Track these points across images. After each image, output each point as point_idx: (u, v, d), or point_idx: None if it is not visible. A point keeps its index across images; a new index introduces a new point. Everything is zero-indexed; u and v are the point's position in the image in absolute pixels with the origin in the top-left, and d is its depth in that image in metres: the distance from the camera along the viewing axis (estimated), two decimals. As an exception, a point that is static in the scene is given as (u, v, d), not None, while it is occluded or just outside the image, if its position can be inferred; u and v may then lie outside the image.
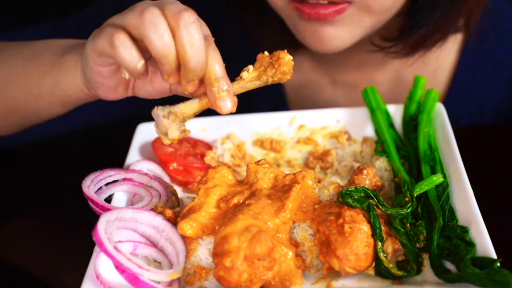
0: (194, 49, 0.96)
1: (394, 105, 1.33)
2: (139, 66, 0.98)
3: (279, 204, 1.03)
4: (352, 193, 1.05)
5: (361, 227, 0.99)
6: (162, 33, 0.96)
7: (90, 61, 1.05)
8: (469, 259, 0.96)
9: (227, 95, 1.01)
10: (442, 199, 1.07)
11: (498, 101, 1.59)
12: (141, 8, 0.97)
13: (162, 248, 1.05)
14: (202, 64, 0.98)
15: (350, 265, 0.98)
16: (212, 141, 1.35)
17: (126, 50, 0.97)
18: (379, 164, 1.20)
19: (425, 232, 1.03)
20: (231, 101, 1.01)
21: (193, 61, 0.97)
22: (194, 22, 0.97)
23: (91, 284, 0.98)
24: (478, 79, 1.57)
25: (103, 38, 0.99)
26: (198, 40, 0.97)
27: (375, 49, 1.45)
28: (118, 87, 1.10)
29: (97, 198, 1.13)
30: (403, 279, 0.99)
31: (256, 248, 0.95)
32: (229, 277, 0.94)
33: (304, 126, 1.36)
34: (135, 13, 0.97)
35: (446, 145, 1.19)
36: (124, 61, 0.98)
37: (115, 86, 1.09)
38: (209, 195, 1.08)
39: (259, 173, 1.10)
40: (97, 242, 0.96)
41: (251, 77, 1.06)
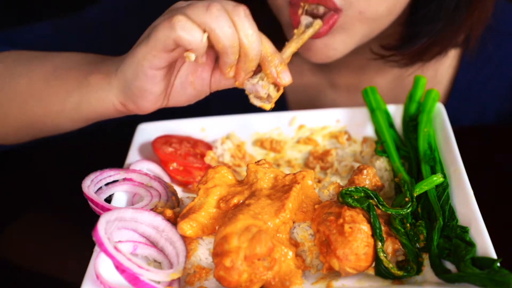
0: (254, 39, 1.04)
1: (394, 105, 1.33)
2: (204, 39, 1.02)
3: (279, 204, 1.03)
4: (352, 193, 1.05)
5: (361, 227, 0.99)
6: (229, 24, 1.02)
7: (146, 65, 1.07)
8: (469, 259, 0.96)
9: (285, 67, 1.09)
10: (442, 199, 1.07)
11: (499, 103, 1.59)
12: (206, 3, 1.03)
13: (162, 248, 1.05)
14: (260, 52, 1.06)
15: (350, 265, 0.98)
16: (212, 141, 1.35)
17: (188, 26, 1.01)
18: (379, 164, 1.20)
19: (425, 232, 1.03)
20: (288, 73, 1.10)
21: (254, 51, 1.05)
22: (248, 15, 1.05)
23: (91, 284, 0.98)
24: (479, 82, 1.57)
25: (161, 30, 1.03)
26: (256, 31, 1.05)
27: (374, 57, 1.44)
28: (162, 94, 1.12)
29: (97, 198, 1.13)
30: (403, 279, 0.99)
31: (256, 248, 0.95)
32: (229, 277, 0.94)
33: (304, 126, 1.36)
34: (200, 8, 1.02)
35: (446, 145, 1.19)
36: (189, 38, 1.02)
37: (161, 93, 1.12)
38: (209, 195, 1.08)
39: (259, 173, 1.10)
40: (97, 242, 0.96)
41: (291, 45, 1.17)
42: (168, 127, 1.35)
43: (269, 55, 1.08)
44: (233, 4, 1.05)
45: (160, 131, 1.33)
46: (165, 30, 1.03)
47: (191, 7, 1.03)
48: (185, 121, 1.36)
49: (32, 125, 1.31)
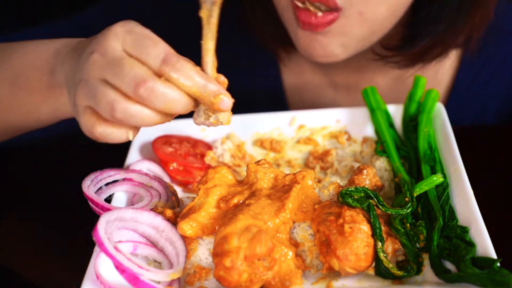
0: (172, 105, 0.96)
1: (394, 105, 1.33)
2: (130, 137, 1.00)
3: (279, 204, 1.03)
4: (352, 193, 1.05)
5: (361, 227, 0.99)
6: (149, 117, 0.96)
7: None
8: (469, 259, 0.96)
9: (218, 96, 0.99)
10: (442, 199, 1.07)
11: (500, 103, 1.59)
12: (134, 80, 0.94)
13: (162, 248, 1.05)
14: (185, 106, 0.97)
15: (350, 265, 0.98)
16: (212, 141, 1.35)
17: (110, 137, 0.99)
18: (379, 164, 1.20)
19: (425, 232, 1.03)
20: (224, 97, 0.99)
21: (178, 110, 0.97)
22: (179, 62, 0.95)
23: (91, 284, 0.98)
24: (479, 82, 1.57)
25: (100, 106, 0.96)
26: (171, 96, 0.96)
27: (375, 57, 1.44)
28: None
29: (97, 198, 1.13)
30: (403, 279, 0.99)
31: (256, 248, 0.95)
32: (229, 277, 0.94)
33: (304, 126, 1.36)
34: (129, 84, 0.94)
35: (446, 145, 1.19)
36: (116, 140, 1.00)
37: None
38: (209, 195, 1.08)
39: (259, 173, 1.10)
40: (97, 242, 0.96)
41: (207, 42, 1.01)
42: (168, 127, 1.35)
43: (198, 94, 0.97)
44: (159, 58, 0.95)
45: (160, 131, 1.33)
46: (105, 113, 0.97)
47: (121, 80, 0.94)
48: (185, 121, 1.36)
49: (9, 130, 1.29)
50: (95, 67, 0.97)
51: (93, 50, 0.98)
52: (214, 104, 0.98)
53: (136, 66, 0.95)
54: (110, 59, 0.96)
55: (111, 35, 0.98)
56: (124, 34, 0.97)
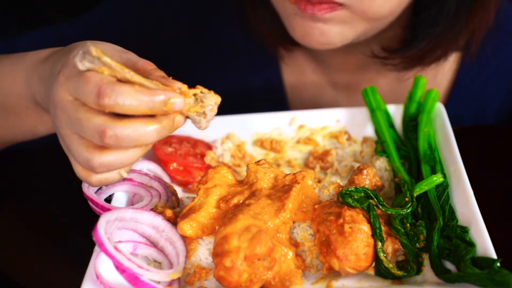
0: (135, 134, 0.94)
1: (394, 105, 1.33)
2: (124, 175, 1.01)
3: (279, 204, 1.03)
4: (352, 193, 1.05)
5: (361, 227, 0.99)
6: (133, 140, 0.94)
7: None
8: (469, 259, 0.96)
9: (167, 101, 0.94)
10: (442, 199, 1.07)
11: (500, 103, 1.59)
12: (96, 132, 0.92)
13: (162, 248, 1.05)
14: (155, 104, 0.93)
15: (350, 265, 0.98)
16: (212, 141, 1.35)
17: (103, 181, 1.00)
18: (379, 164, 1.20)
19: (425, 232, 1.03)
20: (175, 99, 0.94)
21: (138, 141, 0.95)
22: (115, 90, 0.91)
23: (91, 284, 0.98)
24: (479, 82, 1.57)
25: (81, 163, 0.98)
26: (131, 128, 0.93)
27: (374, 59, 1.44)
28: None
29: (97, 198, 1.13)
30: (403, 279, 0.99)
31: (256, 248, 0.95)
32: (229, 277, 0.94)
33: (304, 126, 1.36)
34: (93, 137, 0.93)
35: (446, 145, 1.19)
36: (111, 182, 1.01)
37: None
38: (209, 195, 1.08)
39: (259, 173, 1.10)
40: (97, 242, 0.96)
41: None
42: (168, 127, 1.35)
43: (149, 112, 0.93)
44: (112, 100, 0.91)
45: (160, 131, 1.33)
46: (81, 176, 1.00)
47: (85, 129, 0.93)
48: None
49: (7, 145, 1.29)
50: (62, 122, 0.97)
51: (54, 105, 0.97)
52: (169, 111, 0.94)
53: (90, 115, 0.93)
54: (69, 114, 0.95)
55: (58, 87, 0.97)
56: (66, 82, 0.96)
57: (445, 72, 1.57)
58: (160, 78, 0.97)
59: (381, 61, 1.44)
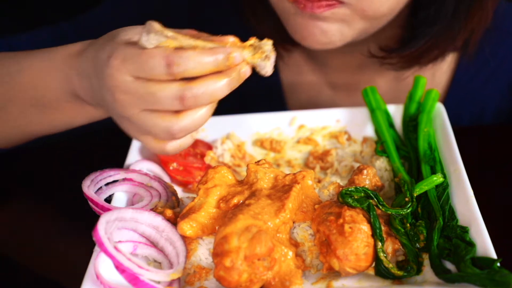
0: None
1: (394, 105, 1.33)
2: (195, 136, 1.08)
3: (279, 204, 1.03)
4: (352, 193, 1.05)
5: (361, 227, 0.99)
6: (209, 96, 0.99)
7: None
8: (469, 259, 0.96)
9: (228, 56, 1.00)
10: (442, 199, 1.07)
11: (499, 102, 1.59)
12: (175, 99, 0.97)
13: (162, 248, 1.05)
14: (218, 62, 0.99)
15: (350, 265, 0.98)
16: (212, 141, 1.35)
17: (178, 148, 1.05)
18: (379, 164, 1.20)
19: (425, 232, 1.03)
20: (235, 53, 1.01)
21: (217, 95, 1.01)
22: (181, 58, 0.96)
23: (91, 284, 0.98)
24: (477, 81, 1.57)
25: (159, 135, 1.02)
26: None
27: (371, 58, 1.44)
28: None
29: (97, 198, 1.13)
30: (403, 279, 0.99)
31: (256, 248, 0.95)
32: (229, 277, 0.94)
33: (304, 126, 1.36)
34: (172, 105, 0.98)
35: (446, 145, 1.19)
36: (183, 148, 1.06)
37: None
38: (209, 195, 1.08)
39: (259, 173, 1.10)
40: (97, 242, 0.96)
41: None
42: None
43: (215, 69, 0.99)
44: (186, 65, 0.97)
45: (160, 131, 1.33)
46: (156, 149, 1.04)
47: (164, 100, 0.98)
48: None
49: (37, 137, 1.31)
50: (127, 105, 1.00)
51: (112, 91, 1.00)
52: (231, 65, 1.00)
53: (163, 86, 0.97)
54: (135, 93, 0.98)
55: (113, 72, 0.99)
56: (123, 65, 0.98)
57: (443, 71, 1.57)
58: (213, 38, 1.02)
59: (379, 60, 1.44)
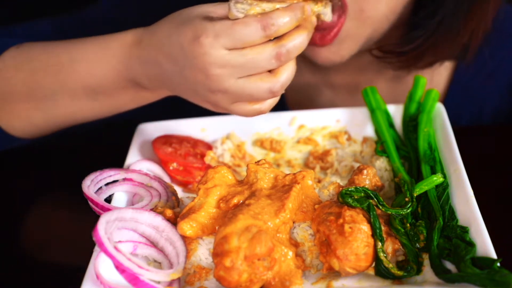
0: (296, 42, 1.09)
1: (394, 105, 1.33)
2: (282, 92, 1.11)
3: (279, 204, 1.03)
4: (352, 193, 1.05)
5: (361, 227, 0.99)
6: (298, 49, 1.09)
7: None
8: (469, 259, 0.96)
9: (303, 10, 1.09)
10: (442, 199, 1.07)
11: (498, 102, 1.59)
12: (272, 58, 1.06)
13: (162, 248, 1.05)
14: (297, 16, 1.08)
15: (350, 265, 0.98)
16: (212, 141, 1.35)
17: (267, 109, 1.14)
18: (379, 164, 1.20)
19: (425, 232, 1.03)
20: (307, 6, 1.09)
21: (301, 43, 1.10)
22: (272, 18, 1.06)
23: (91, 284, 0.98)
24: (476, 82, 1.57)
25: (259, 97, 1.10)
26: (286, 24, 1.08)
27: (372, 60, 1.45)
28: None
29: (97, 198, 1.13)
30: (403, 279, 0.99)
31: (256, 248, 0.95)
32: (229, 277, 0.94)
33: (304, 126, 1.36)
34: (270, 64, 1.07)
35: (446, 145, 1.19)
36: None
37: None
38: (209, 195, 1.08)
39: (259, 173, 1.10)
40: (97, 242, 0.96)
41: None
42: (168, 127, 1.35)
43: (298, 23, 1.08)
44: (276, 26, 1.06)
45: (160, 131, 1.33)
46: (250, 116, 1.13)
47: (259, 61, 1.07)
48: (185, 121, 1.36)
49: (71, 124, 1.37)
50: (224, 78, 1.07)
51: (205, 70, 1.06)
52: (306, 17, 1.08)
53: (259, 50, 1.06)
54: (234, 63, 1.06)
55: (207, 50, 1.05)
56: (216, 41, 1.05)
57: (442, 71, 1.57)
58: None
59: (379, 60, 1.44)
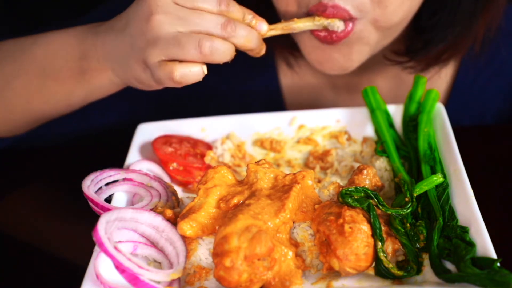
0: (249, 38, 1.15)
1: (394, 105, 1.33)
2: (204, 70, 1.12)
3: (279, 204, 1.03)
4: (352, 193, 1.05)
5: (361, 227, 0.99)
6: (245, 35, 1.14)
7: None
8: (469, 259, 0.96)
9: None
10: (442, 199, 1.07)
11: (500, 103, 1.59)
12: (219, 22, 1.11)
13: (162, 248, 1.05)
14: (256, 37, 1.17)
15: (350, 265, 0.98)
16: (212, 141, 1.35)
17: (188, 75, 1.11)
18: (379, 164, 1.20)
19: (425, 232, 1.03)
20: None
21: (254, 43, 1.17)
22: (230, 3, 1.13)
23: (91, 284, 0.98)
24: (480, 82, 1.57)
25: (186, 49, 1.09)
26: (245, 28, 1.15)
27: (390, 63, 1.44)
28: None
29: (97, 198, 1.13)
30: (403, 279, 0.99)
31: (256, 248, 0.95)
32: (229, 277, 0.94)
33: (304, 126, 1.36)
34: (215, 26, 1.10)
35: (446, 145, 1.19)
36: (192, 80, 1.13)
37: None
38: (209, 195, 1.08)
39: (259, 173, 1.10)
40: (97, 242, 0.96)
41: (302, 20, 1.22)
42: (168, 127, 1.35)
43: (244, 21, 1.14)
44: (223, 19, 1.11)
45: (160, 131, 1.33)
46: (166, 81, 1.11)
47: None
48: (185, 121, 1.36)
49: (38, 119, 1.37)
50: (163, 24, 1.08)
51: (148, 14, 1.09)
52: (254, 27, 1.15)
53: (207, 14, 1.10)
54: (178, 13, 1.09)
55: None
56: None
57: (444, 74, 1.57)
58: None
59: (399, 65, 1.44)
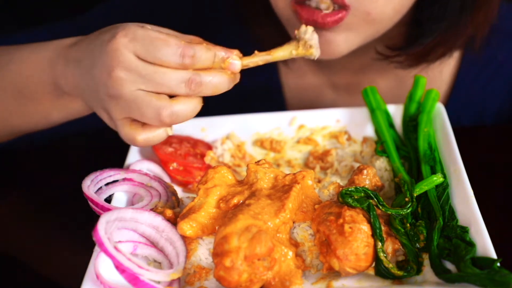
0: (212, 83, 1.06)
1: (394, 105, 1.33)
2: (170, 133, 1.08)
3: (279, 204, 1.03)
4: (352, 193, 1.05)
5: (361, 227, 0.99)
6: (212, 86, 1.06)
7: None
8: (469, 259, 0.96)
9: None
10: (442, 199, 1.07)
11: (499, 104, 1.59)
12: (182, 81, 1.03)
13: (162, 248, 1.05)
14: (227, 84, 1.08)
15: (350, 265, 0.98)
16: (212, 141, 1.35)
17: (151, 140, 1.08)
18: (379, 164, 1.20)
19: (425, 232, 1.03)
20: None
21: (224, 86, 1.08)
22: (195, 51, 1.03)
23: (91, 284, 0.98)
24: (480, 82, 1.57)
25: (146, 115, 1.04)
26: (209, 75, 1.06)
27: (379, 57, 1.43)
28: None
29: (97, 198, 1.13)
30: (403, 279, 0.99)
31: (256, 248, 0.95)
32: (229, 277, 0.94)
33: (304, 126, 1.36)
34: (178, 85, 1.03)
35: (446, 145, 1.19)
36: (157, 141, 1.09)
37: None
38: (209, 195, 1.08)
39: (259, 173, 1.10)
40: (97, 242, 0.96)
41: (278, 50, 1.12)
42: (168, 127, 1.35)
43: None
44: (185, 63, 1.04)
45: (160, 131, 1.33)
46: (129, 143, 1.08)
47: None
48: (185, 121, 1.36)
49: (20, 133, 1.34)
50: (124, 83, 1.02)
51: (110, 69, 1.02)
52: (227, 68, 1.06)
53: (170, 70, 1.02)
54: (140, 71, 1.02)
55: (118, 49, 1.02)
56: (132, 44, 1.02)
57: (443, 73, 1.57)
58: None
59: (387, 59, 1.43)
